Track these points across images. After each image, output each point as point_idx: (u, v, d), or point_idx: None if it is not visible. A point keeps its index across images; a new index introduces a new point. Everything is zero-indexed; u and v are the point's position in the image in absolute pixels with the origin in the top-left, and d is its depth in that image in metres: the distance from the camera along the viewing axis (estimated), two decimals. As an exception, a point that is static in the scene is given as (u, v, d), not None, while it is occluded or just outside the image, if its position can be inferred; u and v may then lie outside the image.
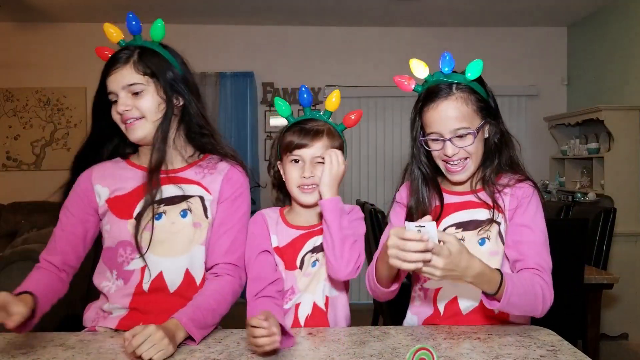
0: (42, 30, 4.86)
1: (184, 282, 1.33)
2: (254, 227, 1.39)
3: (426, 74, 1.35)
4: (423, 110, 1.33)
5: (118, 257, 1.33)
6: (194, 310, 1.23)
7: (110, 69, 1.32)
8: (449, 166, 1.33)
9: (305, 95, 1.40)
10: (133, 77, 1.31)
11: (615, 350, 3.68)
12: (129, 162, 1.41)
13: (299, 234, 1.38)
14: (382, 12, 4.59)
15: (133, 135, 1.33)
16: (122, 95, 1.31)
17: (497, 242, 1.32)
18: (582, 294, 2.48)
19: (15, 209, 4.46)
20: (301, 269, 1.36)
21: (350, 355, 1.13)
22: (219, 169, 1.40)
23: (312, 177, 1.33)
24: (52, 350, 1.18)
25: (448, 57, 1.31)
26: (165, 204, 1.33)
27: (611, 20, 4.32)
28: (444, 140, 1.30)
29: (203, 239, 1.36)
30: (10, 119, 4.89)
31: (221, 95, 4.93)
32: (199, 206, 1.36)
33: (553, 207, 3.73)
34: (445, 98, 1.29)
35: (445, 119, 1.28)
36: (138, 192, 1.34)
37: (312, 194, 1.35)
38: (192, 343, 1.20)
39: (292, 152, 1.35)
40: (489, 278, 1.14)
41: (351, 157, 4.96)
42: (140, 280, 1.32)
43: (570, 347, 1.17)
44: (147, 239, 1.30)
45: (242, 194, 1.41)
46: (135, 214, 1.32)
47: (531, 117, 4.99)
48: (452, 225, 1.35)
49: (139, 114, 1.32)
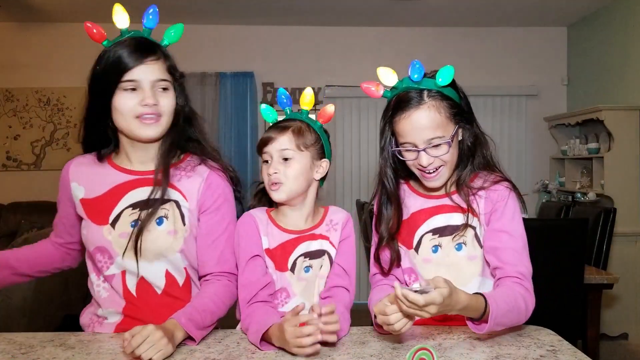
0: (42, 30, 4.86)
1: (167, 282, 1.32)
2: (243, 228, 1.35)
3: (395, 80, 1.31)
4: (394, 119, 1.29)
5: (97, 261, 1.32)
6: (192, 310, 1.22)
7: (138, 58, 1.24)
8: (424, 174, 1.31)
9: (284, 99, 1.40)
10: (164, 74, 1.27)
11: (615, 350, 3.68)
12: (110, 162, 1.35)
13: (289, 237, 1.35)
14: (382, 12, 4.59)
15: (148, 133, 1.27)
16: (147, 88, 1.24)
17: (474, 246, 1.32)
18: (582, 294, 2.47)
19: (15, 209, 4.47)
20: (293, 272, 1.34)
21: (350, 355, 1.13)
22: (198, 172, 1.34)
23: (277, 173, 1.31)
24: (52, 350, 1.18)
25: (418, 65, 1.27)
26: (140, 209, 1.28)
27: (611, 20, 4.32)
28: (418, 151, 1.27)
29: (180, 247, 1.31)
30: (10, 119, 4.88)
31: (221, 95, 4.93)
32: (175, 212, 1.31)
33: (553, 207, 3.73)
34: (417, 107, 1.25)
35: (419, 129, 1.25)
36: (113, 195, 1.30)
37: (277, 191, 1.32)
38: (192, 343, 1.19)
39: (261, 151, 1.33)
40: (475, 307, 1.13)
41: (351, 157, 4.96)
42: (123, 283, 1.31)
43: (570, 347, 1.17)
44: (122, 245, 1.28)
45: (225, 200, 1.36)
46: (111, 219, 1.29)
47: (531, 117, 4.99)
48: (429, 231, 1.35)
49: (162, 110, 1.27)
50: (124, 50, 1.24)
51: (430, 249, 1.35)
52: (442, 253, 1.34)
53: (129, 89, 1.24)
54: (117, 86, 1.24)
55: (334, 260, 1.36)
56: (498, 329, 1.19)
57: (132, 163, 1.35)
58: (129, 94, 1.24)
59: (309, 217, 1.39)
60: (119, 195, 1.31)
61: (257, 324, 1.20)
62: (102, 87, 1.25)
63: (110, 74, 1.24)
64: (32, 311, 2.35)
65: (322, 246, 1.36)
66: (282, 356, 1.13)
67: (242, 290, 1.31)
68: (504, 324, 1.18)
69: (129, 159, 1.35)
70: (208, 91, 4.90)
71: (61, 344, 1.22)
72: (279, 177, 1.31)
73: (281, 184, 1.31)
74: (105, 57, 1.26)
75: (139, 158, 1.34)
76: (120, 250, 1.28)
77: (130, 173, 1.33)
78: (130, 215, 1.29)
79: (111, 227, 1.29)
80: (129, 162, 1.35)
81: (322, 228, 1.38)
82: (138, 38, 1.28)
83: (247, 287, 1.30)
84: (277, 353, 1.15)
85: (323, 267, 1.36)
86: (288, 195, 1.32)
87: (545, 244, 2.37)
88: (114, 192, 1.31)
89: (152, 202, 1.28)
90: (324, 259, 1.36)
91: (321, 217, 1.40)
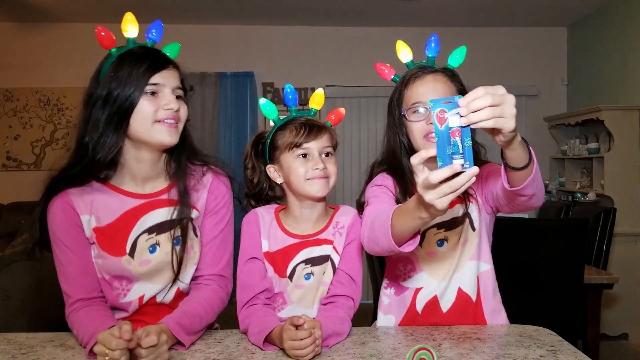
0: (42, 30, 4.86)
1: (175, 297, 1.32)
2: (246, 227, 1.35)
3: (410, 58, 1.37)
4: (408, 85, 1.31)
5: (113, 289, 1.28)
6: (181, 315, 1.21)
7: (164, 64, 1.24)
8: (430, 139, 1.25)
9: (290, 96, 1.39)
10: (179, 83, 1.27)
11: (615, 350, 3.68)
12: (108, 186, 1.27)
13: (293, 242, 1.33)
14: (382, 12, 4.59)
15: (166, 138, 1.23)
16: (168, 93, 1.23)
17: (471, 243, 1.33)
18: (582, 294, 2.47)
19: (15, 209, 4.46)
20: (291, 280, 1.31)
21: (350, 355, 1.13)
22: (204, 183, 1.34)
23: (325, 169, 1.30)
24: (52, 351, 1.18)
25: (434, 39, 1.34)
26: (157, 233, 1.27)
27: (611, 20, 4.32)
28: (428, 110, 1.25)
29: (196, 260, 1.33)
30: (10, 119, 4.88)
31: (221, 95, 4.93)
32: (190, 228, 1.30)
33: (553, 207, 3.73)
34: (433, 74, 1.30)
35: (432, 89, 1.27)
36: (125, 222, 1.26)
37: (323, 184, 1.30)
38: (181, 348, 1.18)
39: (299, 146, 1.30)
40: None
41: (351, 157, 4.96)
42: (139, 305, 1.30)
43: (570, 347, 1.17)
44: (144, 272, 1.27)
45: (225, 203, 1.36)
46: (128, 249, 1.26)
47: (531, 117, 4.99)
48: (434, 225, 1.33)
49: (180, 117, 1.25)
50: (146, 57, 1.23)
51: (436, 244, 1.35)
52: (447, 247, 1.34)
53: (148, 93, 1.21)
54: (142, 90, 1.20)
55: (337, 266, 1.32)
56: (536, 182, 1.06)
57: (137, 183, 1.29)
58: (149, 97, 1.21)
59: (320, 217, 1.36)
60: (132, 222, 1.26)
61: (259, 324, 1.20)
62: (127, 93, 1.20)
63: (135, 78, 1.20)
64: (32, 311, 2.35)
65: (325, 252, 1.33)
66: (282, 356, 1.13)
67: (241, 292, 1.31)
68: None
69: (133, 178, 1.28)
70: (208, 91, 4.90)
71: (61, 344, 1.22)
72: (327, 171, 1.31)
73: (329, 177, 1.31)
74: (126, 62, 1.22)
75: (145, 174, 1.29)
76: (143, 277, 1.27)
77: (138, 197, 1.28)
78: (147, 241, 1.27)
79: (130, 257, 1.26)
80: (133, 183, 1.29)
81: (328, 232, 1.34)
82: (150, 48, 1.28)
83: (245, 290, 1.30)
84: (277, 353, 1.15)
85: (326, 273, 1.32)
86: (329, 190, 1.32)
87: (545, 244, 2.37)
88: (125, 219, 1.26)
89: (171, 223, 1.27)
90: (326, 266, 1.32)
91: (329, 219, 1.37)
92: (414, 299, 1.37)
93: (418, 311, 1.36)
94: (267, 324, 1.18)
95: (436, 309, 1.35)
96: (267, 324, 1.18)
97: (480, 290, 1.36)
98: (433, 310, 1.35)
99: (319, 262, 1.32)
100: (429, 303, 1.35)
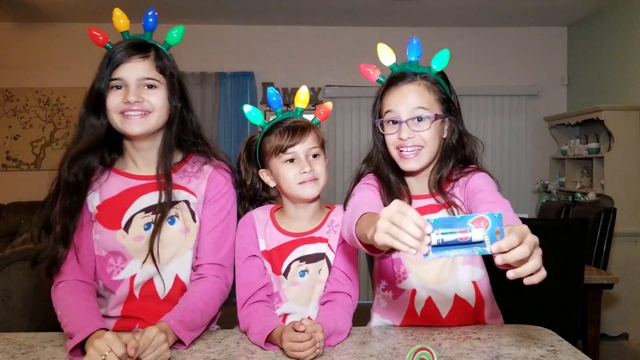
0: (42, 30, 4.86)
1: (173, 287, 1.32)
2: (242, 230, 1.37)
3: (392, 60, 1.35)
4: (384, 93, 1.30)
5: (108, 266, 1.31)
6: (181, 312, 1.21)
7: (125, 57, 1.27)
8: (402, 153, 1.28)
9: (274, 98, 1.40)
10: (150, 73, 1.28)
11: (615, 350, 3.68)
12: (114, 170, 1.35)
13: (288, 240, 1.34)
14: (382, 12, 4.59)
15: (134, 128, 1.27)
16: (133, 86, 1.26)
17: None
18: (582, 294, 2.47)
19: (15, 209, 4.47)
20: (286, 277, 1.32)
21: (350, 355, 1.13)
22: (204, 171, 1.37)
23: (312, 171, 1.31)
24: (52, 350, 1.18)
25: (416, 42, 1.32)
26: (153, 212, 1.30)
27: (611, 20, 4.32)
28: (400, 123, 1.27)
29: (192, 244, 1.34)
30: (10, 119, 4.88)
31: (221, 95, 4.93)
32: (186, 211, 1.33)
33: (553, 207, 3.73)
34: (409, 82, 1.28)
35: (405, 99, 1.26)
36: (124, 199, 1.31)
37: (314, 186, 1.32)
38: (182, 347, 1.18)
39: (285, 152, 1.31)
40: None
41: (351, 157, 4.95)
42: (129, 289, 1.30)
43: (570, 347, 1.17)
44: (136, 248, 1.29)
45: (226, 193, 1.38)
46: (124, 224, 1.30)
47: (531, 117, 4.99)
48: None
49: (150, 107, 1.28)
50: (114, 51, 1.28)
51: None
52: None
53: (114, 87, 1.27)
54: (108, 85, 1.27)
55: (332, 264, 1.33)
56: None
57: (138, 166, 1.35)
58: (115, 91, 1.28)
59: (315, 216, 1.38)
60: (130, 200, 1.31)
61: (260, 324, 1.20)
62: (97, 87, 1.28)
63: (102, 73, 1.27)
64: (32, 311, 2.35)
65: (319, 249, 1.33)
66: (282, 356, 1.13)
67: (240, 289, 1.31)
68: None
69: (134, 162, 1.35)
70: (208, 91, 4.90)
71: (61, 344, 1.22)
72: (315, 173, 1.32)
73: (318, 179, 1.32)
74: (102, 59, 1.29)
75: (143, 159, 1.35)
76: (136, 254, 1.29)
77: (138, 178, 1.33)
78: (143, 219, 1.30)
79: (124, 232, 1.29)
80: (135, 166, 1.35)
81: (323, 230, 1.36)
82: (134, 40, 1.31)
83: (245, 287, 1.31)
84: (277, 353, 1.15)
85: (322, 271, 1.33)
86: (320, 190, 1.33)
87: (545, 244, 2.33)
88: (124, 197, 1.32)
89: (163, 205, 1.29)
90: (322, 263, 1.33)
91: (324, 217, 1.38)
92: (411, 301, 1.36)
93: (417, 313, 1.36)
94: (269, 324, 1.18)
95: (435, 314, 1.34)
96: (269, 324, 1.18)
97: (479, 296, 1.35)
98: (432, 315, 1.35)
99: (313, 260, 1.33)
100: (426, 307, 1.35)
